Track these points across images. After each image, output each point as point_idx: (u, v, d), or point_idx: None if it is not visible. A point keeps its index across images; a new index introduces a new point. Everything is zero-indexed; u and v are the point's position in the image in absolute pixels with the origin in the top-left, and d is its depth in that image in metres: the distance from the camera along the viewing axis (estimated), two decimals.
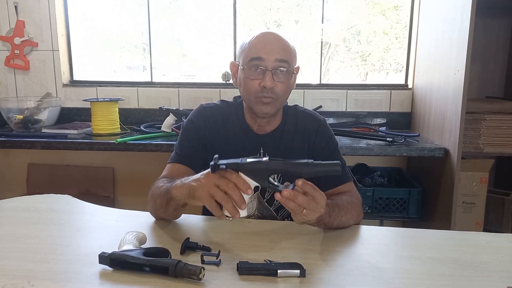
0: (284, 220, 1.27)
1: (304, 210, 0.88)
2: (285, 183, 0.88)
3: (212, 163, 0.87)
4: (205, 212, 1.30)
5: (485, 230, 2.05)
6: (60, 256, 0.90)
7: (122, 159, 2.54)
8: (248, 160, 0.87)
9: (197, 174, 0.94)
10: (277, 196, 0.86)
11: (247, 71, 1.16)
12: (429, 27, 2.19)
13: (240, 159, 0.88)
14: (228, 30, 2.51)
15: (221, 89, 2.46)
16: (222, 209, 0.88)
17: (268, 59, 1.13)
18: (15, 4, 2.43)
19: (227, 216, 0.88)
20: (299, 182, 0.86)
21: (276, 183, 0.88)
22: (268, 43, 1.15)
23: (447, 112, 1.87)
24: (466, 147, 1.91)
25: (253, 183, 0.86)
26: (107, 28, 2.72)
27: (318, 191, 0.89)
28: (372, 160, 2.34)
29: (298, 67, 1.24)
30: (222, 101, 1.32)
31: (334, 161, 0.88)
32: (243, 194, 0.85)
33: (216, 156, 0.88)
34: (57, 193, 1.33)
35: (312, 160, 0.86)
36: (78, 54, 2.62)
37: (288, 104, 1.33)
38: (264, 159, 0.87)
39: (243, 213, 0.87)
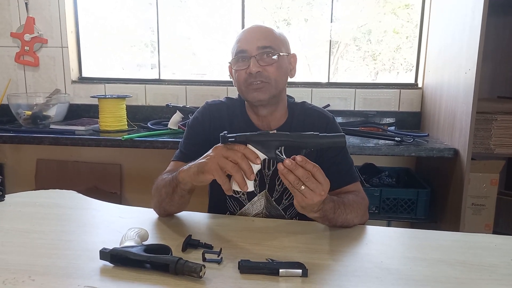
0: (292, 219, 1.26)
1: (303, 187, 0.87)
2: (292, 157, 0.88)
3: (221, 134, 0.91)
4: (211, 209, 1.30)
5: (495, 232, 2.01)
6: (62, 251, 0.90)
7: (129, 156, 2.55)
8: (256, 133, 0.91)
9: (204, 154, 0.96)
10: (279, 166, 0.87)
11: (233, 64, 1.19)
12: (440, 25, 2.15)
13: (249, 133, 0.91)
14: (237, 29, 2.50)
15: (228, 87, 2.46)
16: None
17: (250, 49, 1.15)
18: (25, 1, 2.45)
19: (235, 191, 0.89)
20: (298, 158, 0.87)
21: (283, 156, 0.91)
22: (249, 35, 1.18)
23: (457, 112, 1.84)
24: (477, 147, 1.88)
25: (261, 155, 0.90)
26: (116, 26, 2.73)
27: (321, 172, 0.89)
28: (380, 160, 2.31)
29: (295, 55, 1.25)
30: (227, 98, 1.32)
31: (339, 133, 0.91)
32: (252, 165, 0.88)
33: (225, 132, 0.92)
34: (65, 189, 1.34)
35: (318, 133, 0.90)
36: (87, 51, 2.64)
37: (296, 101, 1.32)
38: (272, 131, 0.91)
39: (250, 186, 0.89)
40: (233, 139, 0.90)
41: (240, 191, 0.89)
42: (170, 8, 2.58)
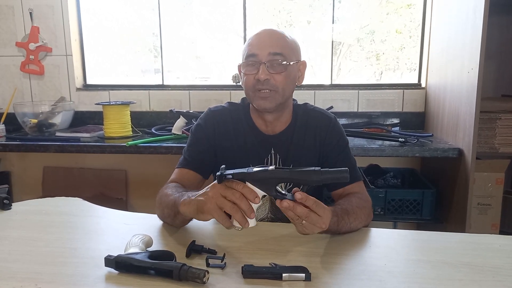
0: None
1: (304, 222, 0.87)
2: (292, 190, 0.87)
3: (218, 173, 0.86)
4: None
5: (502, 232, 2.00)
6: (68, 259, 0.91)
7: (134, 162, 2.56)
8: (255, 169, 0.86)
9: (203, 189, 0.93)
10: (277, 203, 0.85)
11: (243, 68, 1.18)
12: (442, 25, 2.15)
13: (247, 168, 0.87)
14: (239, 32, 2.51)
15: (231, 91, 2.47)
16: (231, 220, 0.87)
17: (261, 54, 1.14)
18: (30, 11, 2.49)
19: (236, 227, 0.87)
20: (298, 195, 0.84)
21: (283, 192, 0.88)
22: (262, 39, 1.16)
23: (461, 111, 1.83)
24: (481, 147, 1.87)
25: (260, 192, 0.86)
26: (119, 32, 2.75)
27: (321, 206, 0.88)
28: (385, 161, 2.31)
29: (304, 62, 1.23)
30: (229, 103, 1.32)
31: (342, 168, 0.87)
32: (251, 204, 0.85)
33: (222, 166, 0.88)
34: (71, 196, 1.36)
35: (319, 168, 0.85)
36: (91, 59, 2.66)
37: (298, 103, 1.32)
38: (271, 167, 0.86)
39: (252, 222, 0.86)
40: (231, 177, 0.86)
41: (242, 227, 0.86)
42: (174, 12, 2.60)
